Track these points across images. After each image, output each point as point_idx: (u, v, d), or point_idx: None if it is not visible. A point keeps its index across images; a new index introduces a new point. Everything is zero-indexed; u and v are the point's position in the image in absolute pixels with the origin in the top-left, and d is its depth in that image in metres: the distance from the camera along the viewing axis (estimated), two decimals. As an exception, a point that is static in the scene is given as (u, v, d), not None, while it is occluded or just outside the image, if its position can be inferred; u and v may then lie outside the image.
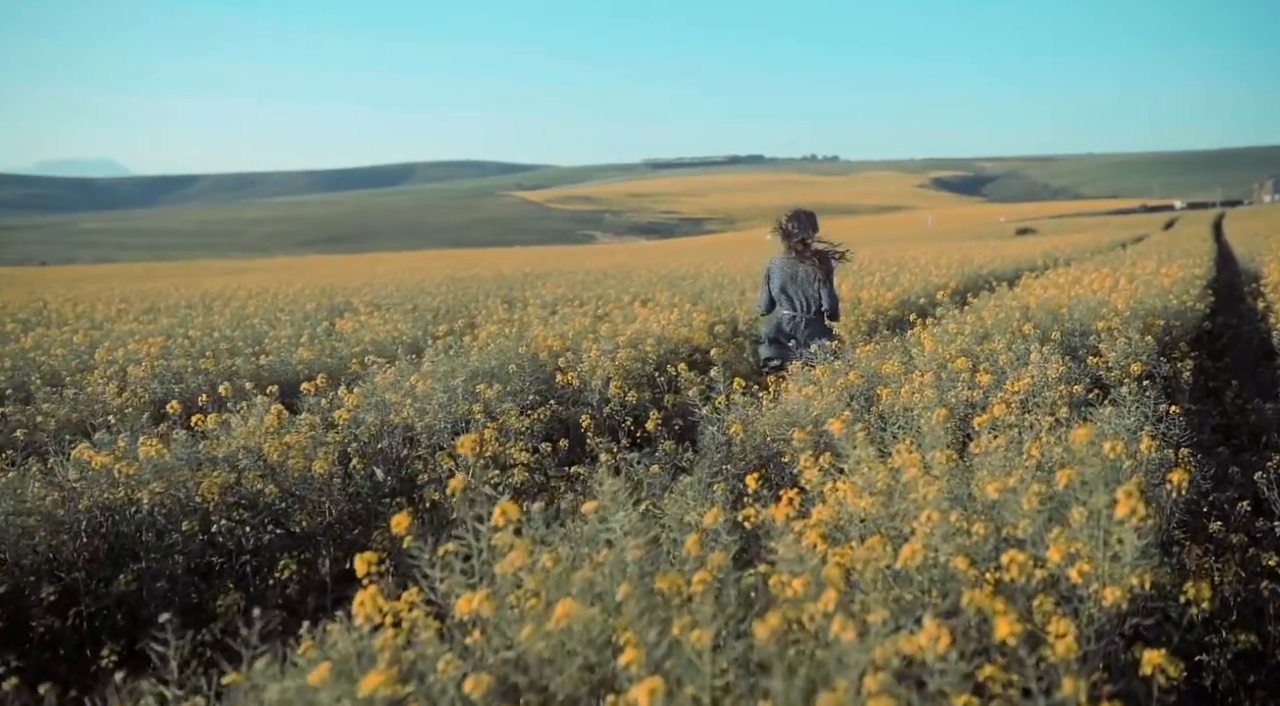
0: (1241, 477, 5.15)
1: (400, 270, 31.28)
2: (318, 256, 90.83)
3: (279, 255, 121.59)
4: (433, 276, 22.26)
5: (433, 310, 12.85)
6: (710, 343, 8.84)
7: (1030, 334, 5.61)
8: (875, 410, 4.94)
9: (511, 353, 7.01)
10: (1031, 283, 10.81)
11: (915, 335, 6.30)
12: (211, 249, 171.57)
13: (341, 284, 20.44)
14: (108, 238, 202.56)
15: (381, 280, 21.75)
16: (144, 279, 34.98)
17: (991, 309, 7.60)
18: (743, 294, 12.29)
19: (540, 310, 11.39)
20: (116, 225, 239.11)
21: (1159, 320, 7.20)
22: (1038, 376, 5.12)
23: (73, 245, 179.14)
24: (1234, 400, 7.44)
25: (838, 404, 4.89)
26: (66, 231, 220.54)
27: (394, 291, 16.46)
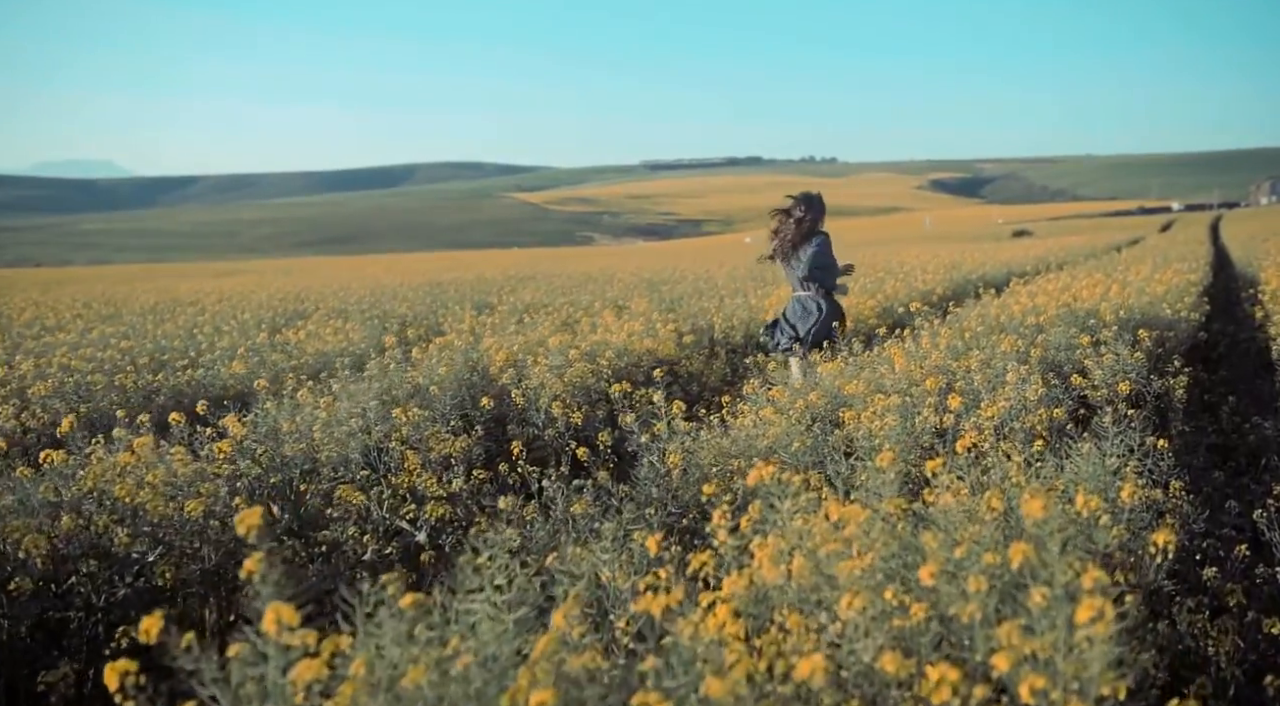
0: (1239, 511, 4.68)
1: (385, 272, 30.78)
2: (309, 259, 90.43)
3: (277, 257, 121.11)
4: (412, 280, 21.77)
5: (399, 317, 12.36)
6: (679, 353, 8.36)
7: (1009, 351, 5.14)
8: (840, 435, 4.48)
9: (460, 368, 6.53)
10: (1020, 289, 10.34)
11: (886, 350, 5.83)
12: (209, 250, 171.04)
13: (316, 288, 19.95)
14: (106, 239, 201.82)
15: (359, 284, 21.26)
16: (127, 281, 34.45)
17: (974, 319, 7.13)
18: (722, 300, 11.82)
19: (509, 317, 10.91)
20: (115, 226, 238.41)
21: (1151, 332, 6.73)
22: (1015, 399, 4.65)
23: (71, 247, 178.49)
24: (1231, 417, 6.98)
25: (795, 429, 4.42)
26: (65, 233, 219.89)
27: (365, 296, 15.98)
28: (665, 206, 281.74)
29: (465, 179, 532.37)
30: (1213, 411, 7.47)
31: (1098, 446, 3.50)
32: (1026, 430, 4.62)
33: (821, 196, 6.67)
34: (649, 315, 9.35)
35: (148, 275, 42.86)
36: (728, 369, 8.91)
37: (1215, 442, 6.65)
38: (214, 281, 29.01)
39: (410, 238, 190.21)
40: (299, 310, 13.54)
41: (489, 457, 5.44)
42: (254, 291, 18.89)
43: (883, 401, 4.22)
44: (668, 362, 8.16)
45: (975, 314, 7.95)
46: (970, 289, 12.96)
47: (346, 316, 11.92)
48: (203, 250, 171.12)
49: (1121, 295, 8.42)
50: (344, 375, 6.48)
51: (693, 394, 7.66)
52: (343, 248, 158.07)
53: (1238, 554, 3.71)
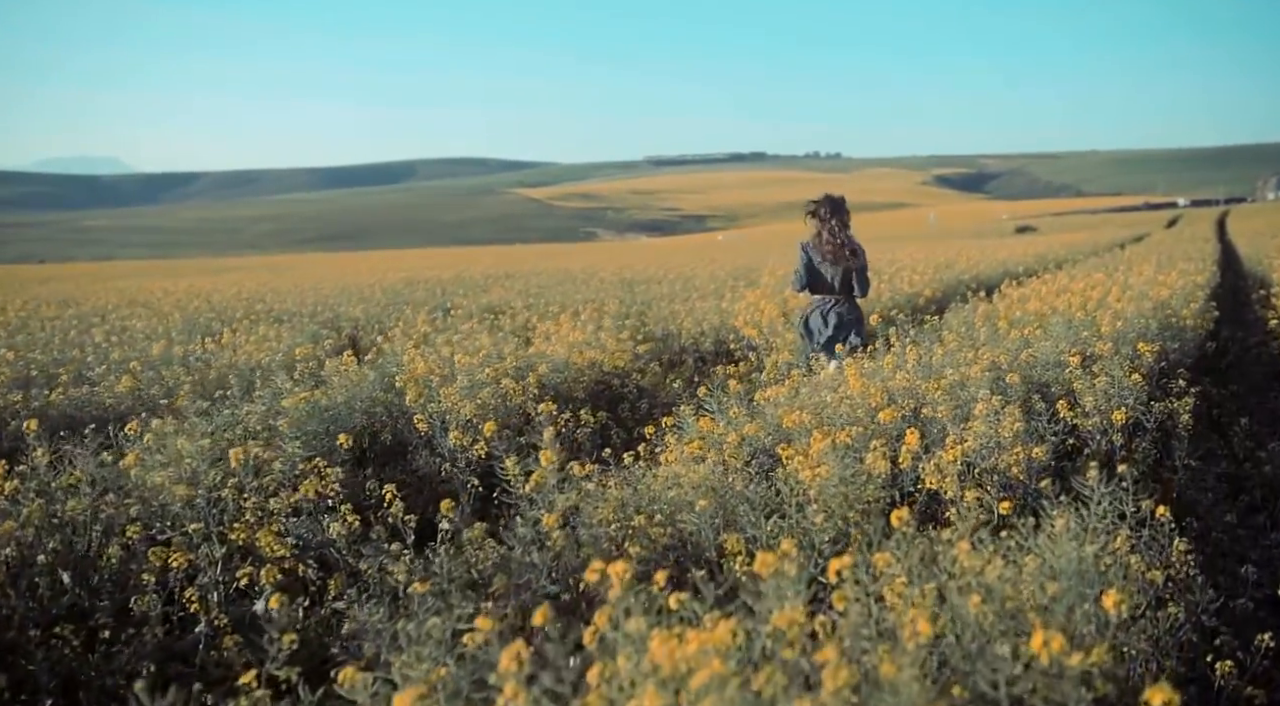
0: (1257, 575, 3.88)
1: (369, 270, 30.01)
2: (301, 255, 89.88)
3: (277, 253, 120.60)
4: (389, 278, 20.99)
5: (352, 320, 11.60)
6: (632, 365, 7.58)
7: (979, 376, 4.33)
8: (780, 474, 3.70)
9: (368, 386, 5.76)
10: (1011, 293, 9.55)
11: (845, 369, 5.03)
12: (210, 246, 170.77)
13: (284, 287, 19.17)
14: (110, 235, 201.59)
15: (331, 283, 20.49)
16: (106, 280, 33.74)
17: (953, 331, 6.34)
18: (693, 304, 11.04)
19: (462, 321, 10.12)
20: (119, 222, 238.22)
21: (1152, 346, 5.93)
22: (987, 435, 3.86)
23: (74, 243, 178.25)
24: (1243, 440, 6.17)
25: (714, 477, 3.63)
26: (69, 229, 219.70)
27: (329, 296, 15.20)
28: (669, 202, 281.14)
29: (469, 175, 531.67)
30: (1223, 432, 6.67)
31: (1079, 514, 2.71)
32: (1001, 472, 3.84)
33: (844, 200, 6.74)
34: (599, 322, 8.56)
35: (135, 273, 42.18)
36: (696, 377, 8.14)
37: (1226, 471, 5.85)
38: (194, 280, 28.26)
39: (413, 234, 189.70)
40: (251, 312, 12.77)
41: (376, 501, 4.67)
42: (218, 291, 18.12)
43: (820, 442, 3.43)
44: (620, 375, 7.39)
45: (959, 321, 7.16)
46: (962, 290, 12.16)
47: (295, 321, 11.16)
48: (205, 246, 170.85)
49: (1121, 300, 7.62)
50: (233, 396, 5.72)
51: (642, 413, 6.88)
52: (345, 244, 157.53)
53: (1260, 644, 2.92)
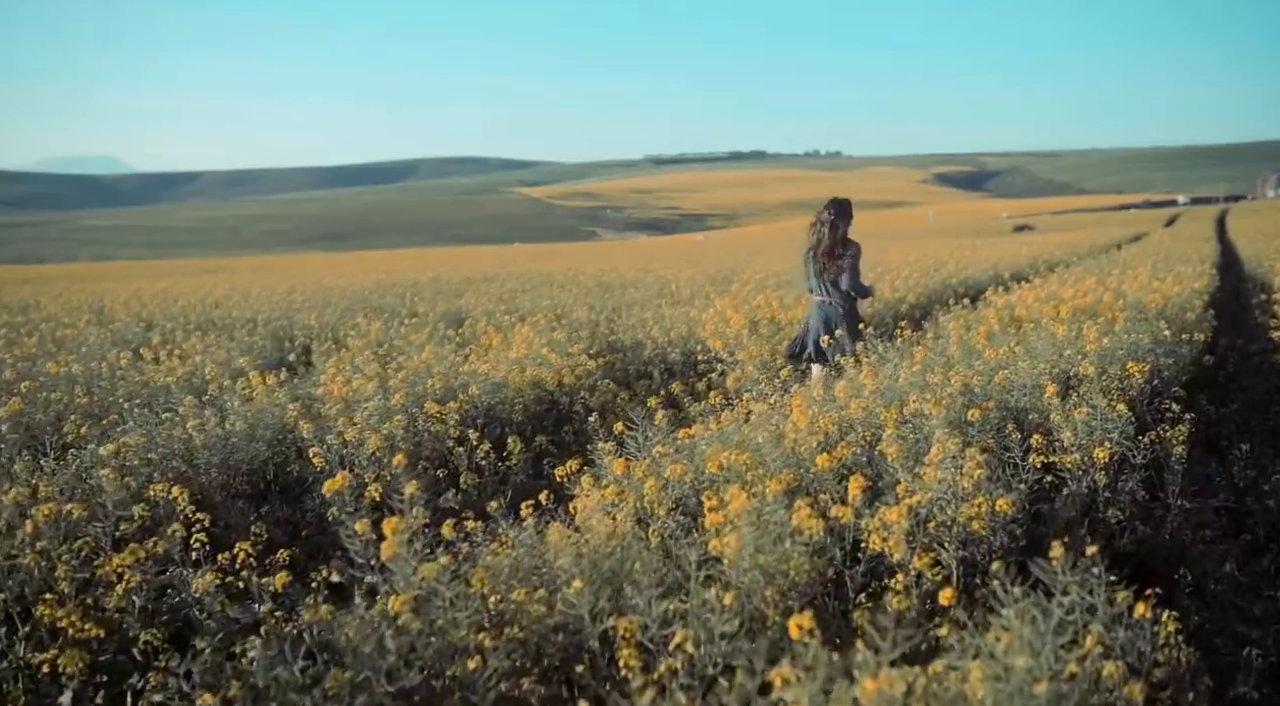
0: (1261, 658, 3.30)
1: (355, 271, 29.41)
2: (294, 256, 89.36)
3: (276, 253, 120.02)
4: (362, 281, 20.41)
5: (306, 328, 11.02)
6: (582, 381, 6.99)
7: (936, 414, 3.73)
8: (697, 535, 3.14)
9: (267, 416, 5.18)
10: (997, 299, 8.97)
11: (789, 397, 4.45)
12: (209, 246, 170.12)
13: (255, 291, 18.58)
14: (109, 235, 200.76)
15: (305, 285, 19.90)
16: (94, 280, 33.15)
17: (928, 346, 5.76)
18: (660, 311, 10.45)
19: (415, 332, 9.54)
20: (118, 222, 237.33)
21: (1142, 364, 5.35)
22: (945, 482, 3.29)
23: (74, 243, 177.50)
24: (1244, 469, 5.59)
25: (622, 533, 3.06)
26: (68, 229, 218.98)
27: (288, 302, 14.61)
28: (669, 201, 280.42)
29: (469, 174, 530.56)
30: (1222, 456, 6.09)
31: (1041, 611, 2.13)
32: (961, 526, 3.26)
33: (848, 203, 6.88)
34: (550, 334, 7.97)
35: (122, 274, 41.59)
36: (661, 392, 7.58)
37: (1226, 504, 5.27)
38: (174, 282, 27.67)
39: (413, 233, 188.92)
40: (202, 321, 12.19)
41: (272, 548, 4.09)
42: (184, 295, 17.53)
43: (738, 500, 2.84)
44: (568, 392, 6.81)
45: (934, 335, 6.58)
46: (949, 294, 11.58)
47: (245, 330, 10.58)
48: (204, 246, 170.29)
49: (1113, 310, 7.04)
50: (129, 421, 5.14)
51: (586, 435, 6.29)
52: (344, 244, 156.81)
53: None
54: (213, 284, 23.49)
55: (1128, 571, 3.96)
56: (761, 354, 7.44)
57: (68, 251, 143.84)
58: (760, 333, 7.97)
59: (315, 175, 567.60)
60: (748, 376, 7.21)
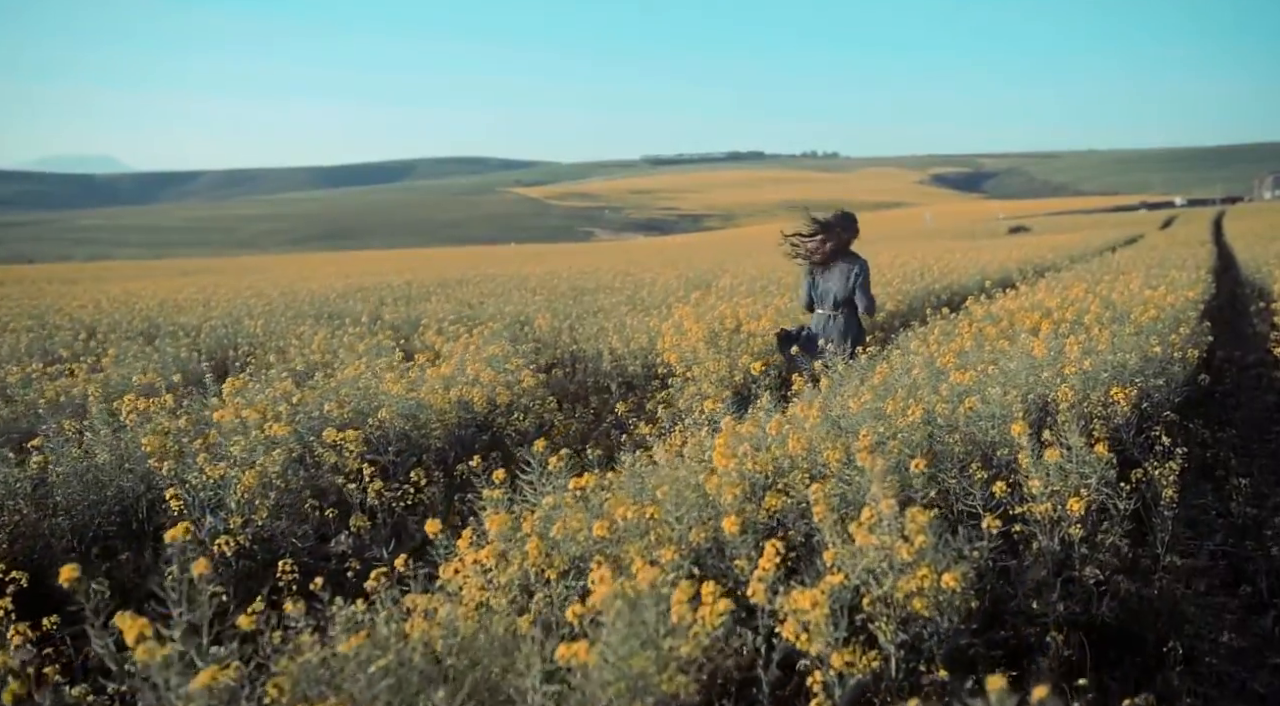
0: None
1: (336, 272, 28.79)
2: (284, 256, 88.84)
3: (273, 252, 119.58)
4: (336, 284, 19.79)
5: (249, 336, 10.42)
6: (521, 399, 6.38)
7: (869, 465, 3.12)
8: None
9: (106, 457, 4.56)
10: (978, 309, 8.37)
11: (722, 430, 3.85)
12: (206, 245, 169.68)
13: (220, 294, 17.97)
14: (105, 234, 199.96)
15: (272, 288, 19.29)
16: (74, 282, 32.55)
17: (884, 371, 5.16)
18: (623, 321, 9.86)
19: (358, 342, 8.93)
20: (114, 222, 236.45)
21: (1129, 389, 4.76)
22: (882, 549, 2.69)
23: (70, 243, 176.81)
24: (1244, 505, 5.00)
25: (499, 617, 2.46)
26: (64, 228, 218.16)
27: (236, 306, 13.99)
28: (666, 202, 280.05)
29: (466, 174, 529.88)
30: (1219, 486, 5.50)
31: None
32: (900, 605, 2.67)
33: (854, 216, 6.65)
34: (487, 349, 7.36)
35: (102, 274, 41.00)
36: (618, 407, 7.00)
37: (1224, 548, 4.68)
38: (147, 283, 27.05)
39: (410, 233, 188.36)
40: (151, 327, 11.58)
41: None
42: (146, 298, 16.90)
43: (604, 587, 2.24)
44: (503, 411, 6.19)
45: (904, 349, 5.98)
46: (930, 301, 10.98)
47: (178, 338, 9.97)
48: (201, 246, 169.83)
49: (1099, 324, 6.45)
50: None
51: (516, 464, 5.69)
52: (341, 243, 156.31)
53: None
54: (182, 286, 22.87)
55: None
56: (719, 369, 6.84)
57: (62, 251, 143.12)
58: (720, 344, 7.36)
59: (313, 175, 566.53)
60: (706, 391, 6.63)
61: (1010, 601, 3.49)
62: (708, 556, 3.00)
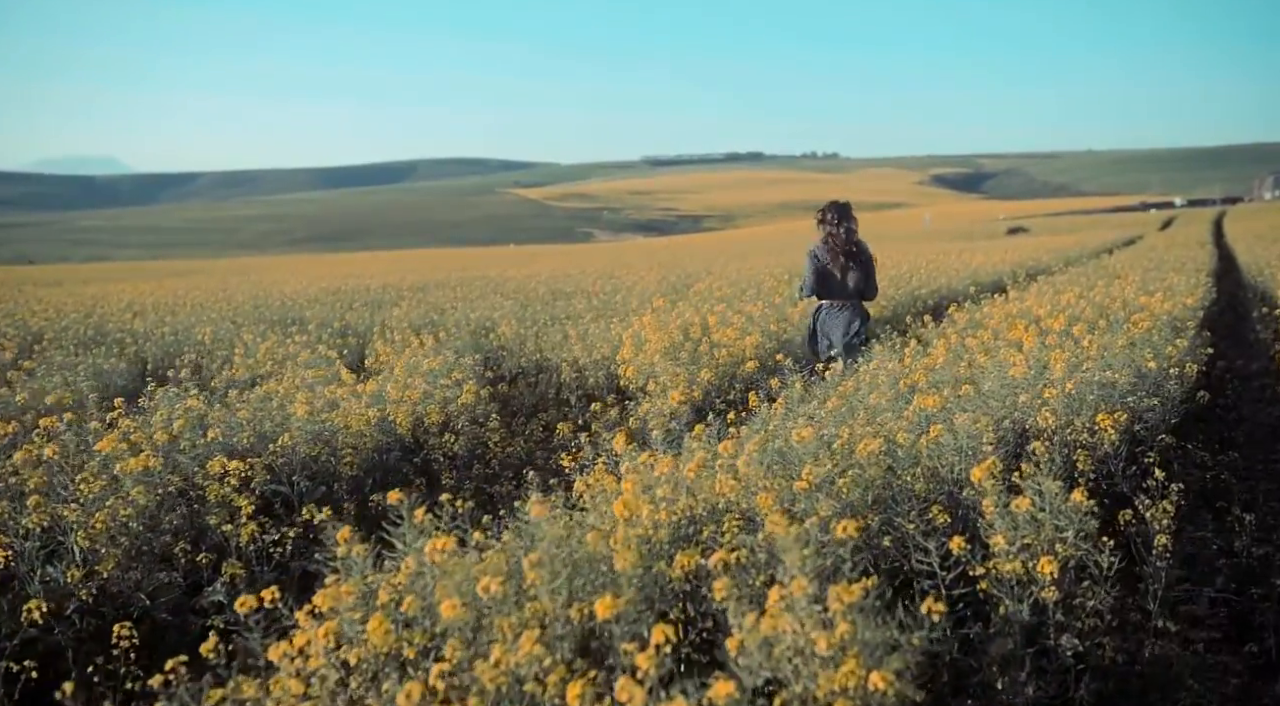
0: None
1: (319, 274, 28.24)
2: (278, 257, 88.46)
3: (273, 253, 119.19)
4: (309, 289, 19.24)
5: (196, 344, 9.88)
6: (455, 416, 5.83)
7: (780, 531, 2.52)
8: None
9: None
10: (960, 317, 7.82)
11: (633, 470, 3.29)
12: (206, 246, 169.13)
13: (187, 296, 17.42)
14: (105, 236, 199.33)
15: (246, 290, 18.75)
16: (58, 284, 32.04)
17: (847, 391, 4.61)
18: (586, 329, 9.34)
19: (301, 353, 8.38)
20: (114, 223, 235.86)
21: (1118, 415, 4.21)
22: (797, 637, 2.14)
23: (70, 243, 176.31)
24: (1249, 543, 4.44)
25: None
26: (64, 229, 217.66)
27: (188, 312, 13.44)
28: (666, 202, 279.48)
29: (467, 175, 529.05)
30: (1220, 518, 4.95)
31: None
32: None
33: (850, 206, 6.80)
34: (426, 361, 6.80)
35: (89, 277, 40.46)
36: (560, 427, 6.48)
37: (1225, 594, 4.12)
38: (127, 285, 26.49)
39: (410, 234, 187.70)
40: (99, 333, 11.04)
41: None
42: (113, 301, 16.34)
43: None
44: (437, 431, 5.64)
45: (869, 370, 5.43)
46: (915, 308, 10.43)
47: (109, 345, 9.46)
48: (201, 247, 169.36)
49: (1094, 327, 5.91)
50: None
51: (458, 485, 5.13)
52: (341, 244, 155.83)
53: None
54: (159, 289, 22.32)
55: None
56: (678, 384, 6.29)
57: (62, 252, 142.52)
58: (681, 357, 6.81)
59: (314, 176, 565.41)
60: (662, 407, 6.08)
61: (974, 675, 2.95)
62: (594, 636, 2.46)
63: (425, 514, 2.80)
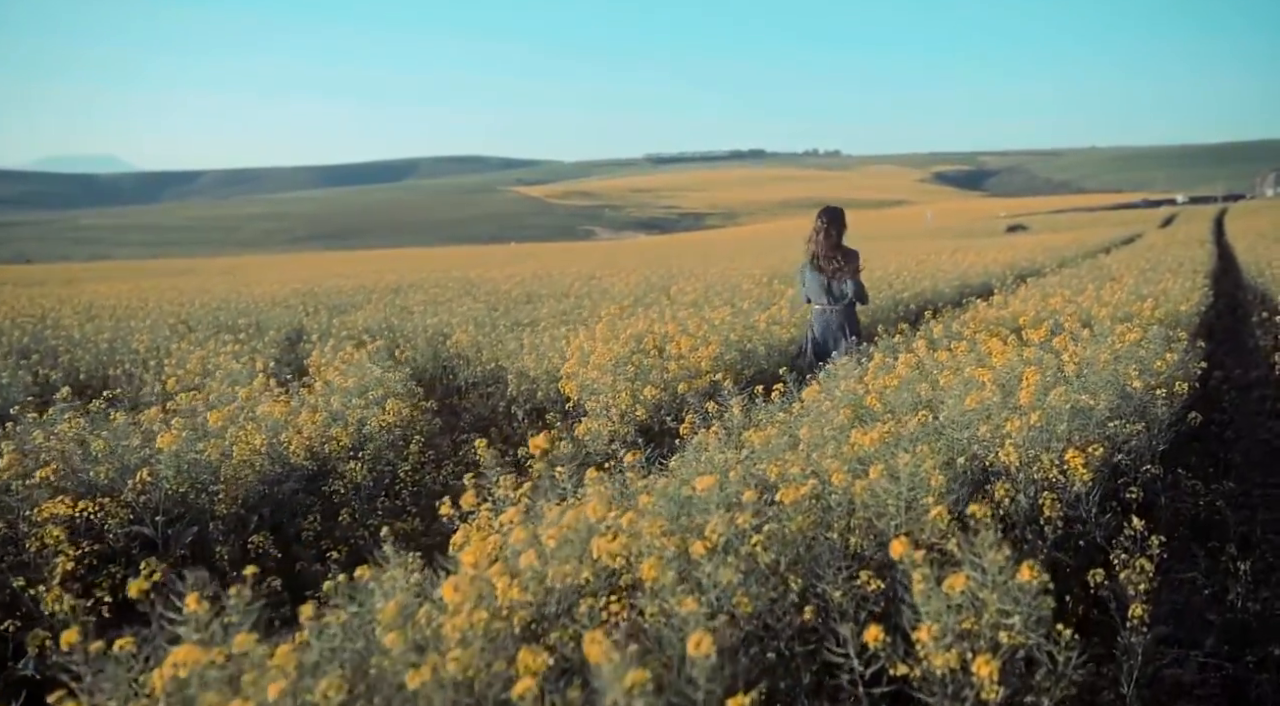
0: None
1: (299, 276, 27.69)
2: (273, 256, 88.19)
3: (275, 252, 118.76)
4: (278, 290, 18.67)
5: (132, 354, 9.33)
6: (368, 439, 5.26)
7: (611, 662, 1.94)
8: None
9: None
10: (935, 326, 7.24)
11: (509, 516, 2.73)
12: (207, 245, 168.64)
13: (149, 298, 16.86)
14: (106, 234, 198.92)
15: (221, 290, 18.18)
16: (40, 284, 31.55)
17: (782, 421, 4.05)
18: (538, 341, 8.78)
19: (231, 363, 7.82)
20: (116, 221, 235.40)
21: (1094, 448, 3.64)
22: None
23: (70, 242, 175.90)
24: (1247, 593, 3.87)
25: None
26: (65, 228, 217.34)
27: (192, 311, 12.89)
28: (668, 200, 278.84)
29: (468, 173, 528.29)
30: (1213, 558, 4.37)
31: None
32: None
33: (842, 211, 6.82)
34: (344, 375, 6.23)
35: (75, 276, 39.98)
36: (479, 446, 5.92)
37: (1217, 658, 3.56)
38: (103, 286, 25.97)
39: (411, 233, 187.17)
40: (34, 339, 10.50)
41: None
42: (69, 305, 15.78)
43: None
44: (352, 455, 5.07)
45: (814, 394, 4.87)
46: (894, 314, 9.84)
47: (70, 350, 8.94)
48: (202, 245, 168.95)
49: (1067, 353, 5.34)
50: None
51: (360, 519, 4.55)
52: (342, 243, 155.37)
53: None
54: (129, 290, 21.77)
55: None
56: (620, 403, 5.72)
57: (63, 251, 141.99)
58: (628, 371, 6.23)
59: (315, 174, 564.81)
60: (599, 430, 5.52)
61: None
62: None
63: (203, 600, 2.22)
